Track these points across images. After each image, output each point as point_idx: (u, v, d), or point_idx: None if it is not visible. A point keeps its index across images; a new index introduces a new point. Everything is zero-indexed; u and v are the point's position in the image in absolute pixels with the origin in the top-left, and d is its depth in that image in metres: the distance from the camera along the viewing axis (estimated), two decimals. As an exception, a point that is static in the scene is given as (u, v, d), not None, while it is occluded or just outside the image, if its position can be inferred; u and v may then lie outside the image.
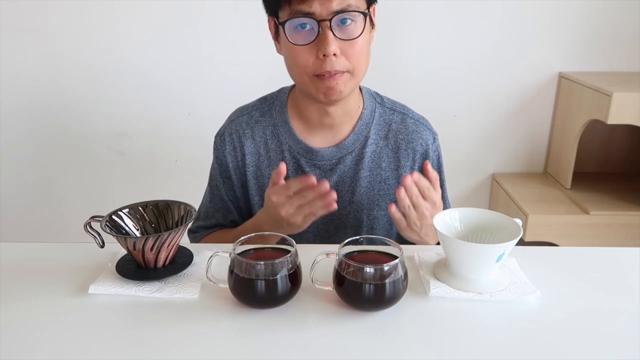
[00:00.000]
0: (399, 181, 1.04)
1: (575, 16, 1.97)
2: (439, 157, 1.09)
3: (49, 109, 2.08)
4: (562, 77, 2.04)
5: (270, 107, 1.06)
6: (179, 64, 2.03)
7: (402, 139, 1.04)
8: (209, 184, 1.12)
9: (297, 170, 1.03)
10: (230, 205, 1.09)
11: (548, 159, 2.18)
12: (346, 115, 1.01)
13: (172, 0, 1.93)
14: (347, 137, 1.02)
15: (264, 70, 1.89)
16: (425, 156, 1.05)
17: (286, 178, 1.02)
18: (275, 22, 0.93)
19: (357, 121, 1.03)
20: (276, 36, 0.96)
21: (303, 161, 1.03)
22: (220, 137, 1.07)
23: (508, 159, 2.20)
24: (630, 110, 1.70)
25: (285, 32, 0.89)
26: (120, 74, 2.03)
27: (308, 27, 0.88)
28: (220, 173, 1.08)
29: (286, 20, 0.88)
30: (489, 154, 2.19)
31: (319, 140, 1.03)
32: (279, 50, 0.97)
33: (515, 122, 2.13)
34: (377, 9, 0.96)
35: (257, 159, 1.05)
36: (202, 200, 1.15)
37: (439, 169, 1.09)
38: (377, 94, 1.08)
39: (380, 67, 2.00)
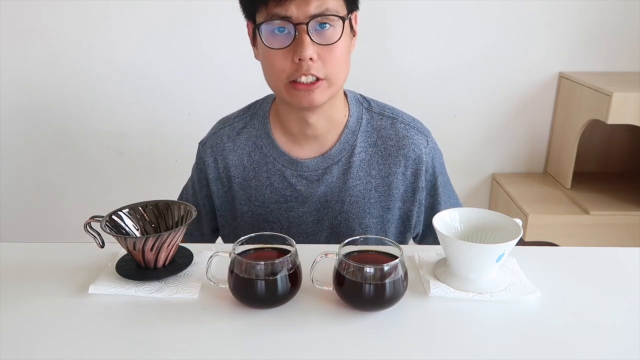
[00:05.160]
0: (390, 188, 1.01)
1: (575, 16, 1.97)
2: (433, 159, 1.03)
3: (48, 109, 2.08)
4: (562, 77, 2.04)
5: (253, 117, 1.04)
6: (179, 63, 2.03)
7: (392, 145, 1.00)
8: (191, 179, 1.12)
9: (283, 182, 1.01)
10: (200, 209, 1.09)
11: (548, 159, 2.18)
12: (330, 125, 0.99)
13: (172, 0, 1.94)
14: (332, 147, 0.99)
15: (264, 70, 1.89)
16: (418, 161, 1.00)
17: (274, 189, 1.01)
18: (253, 26, 0.92)
19: (343, 130, 1.00)
20: (254, 41, 0.94)
21: (288, 172, 1.00)
22: (202, 145, 1.06)
23: (508, 159, 2.20)
24: (630, 110, 1.70)
25: (262, 35, 0.87)
26: (120, 74, 2.03)
27: (285, 31, 0.85)
28: (199, 179, 1.08)
29: (262, 23, 0.86)
30: (489, 154, 2.19)
31: (305, 151, 1.00)
32: (257, 56, 0.95)
33: (515, 122, 2.13)
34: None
35: (243, 171, 1.03)
36: (184, 190, 1.16)
37: (433, 170, 1.03)
38: (364, 98, 1.04)
39: (379, 67, 2.00)
